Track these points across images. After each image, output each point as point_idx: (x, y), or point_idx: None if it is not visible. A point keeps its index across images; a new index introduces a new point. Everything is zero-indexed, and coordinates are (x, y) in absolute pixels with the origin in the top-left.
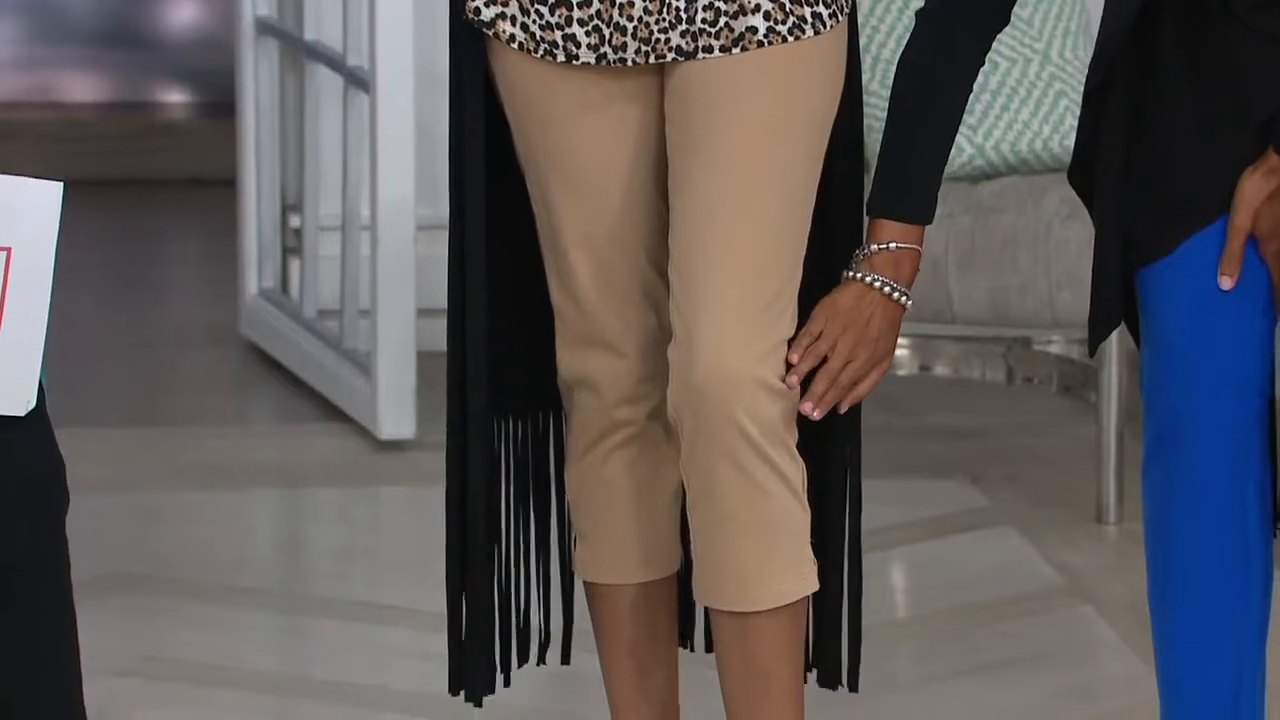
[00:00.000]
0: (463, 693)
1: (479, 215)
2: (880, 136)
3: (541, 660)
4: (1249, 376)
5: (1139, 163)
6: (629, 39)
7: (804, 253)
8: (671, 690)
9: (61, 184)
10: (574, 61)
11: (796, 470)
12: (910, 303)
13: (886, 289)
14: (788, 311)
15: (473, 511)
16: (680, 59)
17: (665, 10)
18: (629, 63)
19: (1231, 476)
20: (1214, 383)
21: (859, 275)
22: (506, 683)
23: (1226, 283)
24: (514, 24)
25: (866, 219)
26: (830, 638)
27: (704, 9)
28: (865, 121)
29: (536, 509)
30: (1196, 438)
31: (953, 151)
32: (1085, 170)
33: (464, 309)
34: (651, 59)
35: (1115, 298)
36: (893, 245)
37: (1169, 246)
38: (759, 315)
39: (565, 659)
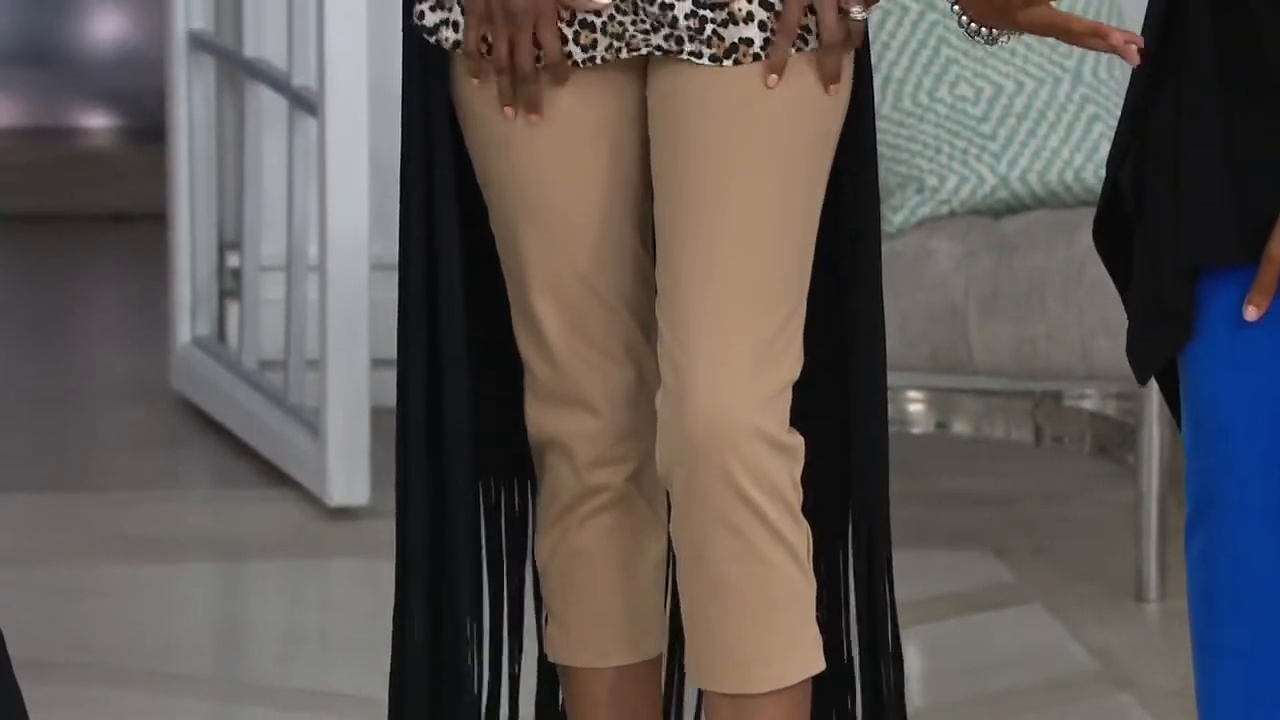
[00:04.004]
0: None
1: (453, 259)
2: (893, 166)
3: None
4: None
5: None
6: (599, 35)
7: (808, 286)
8: None
9: None
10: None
11: (801, 536)
12: None
13: None
14: (790, 352)
15: (460, 589)
16: (659, 54)
17: (640, 14)
18: (598, 60)
19: None
20: (1254, 440)
21: None
22: None
23: (1252, 312)
24: (457, 30)
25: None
26: None
27: (686, 16)
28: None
29: (506, 584)
30: (1239, 502)
31: (973, 182)
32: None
33: (438, 365)
34: (624, 54)
35: (1163, 314)
36: None
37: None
38: (758, 359)
39: None
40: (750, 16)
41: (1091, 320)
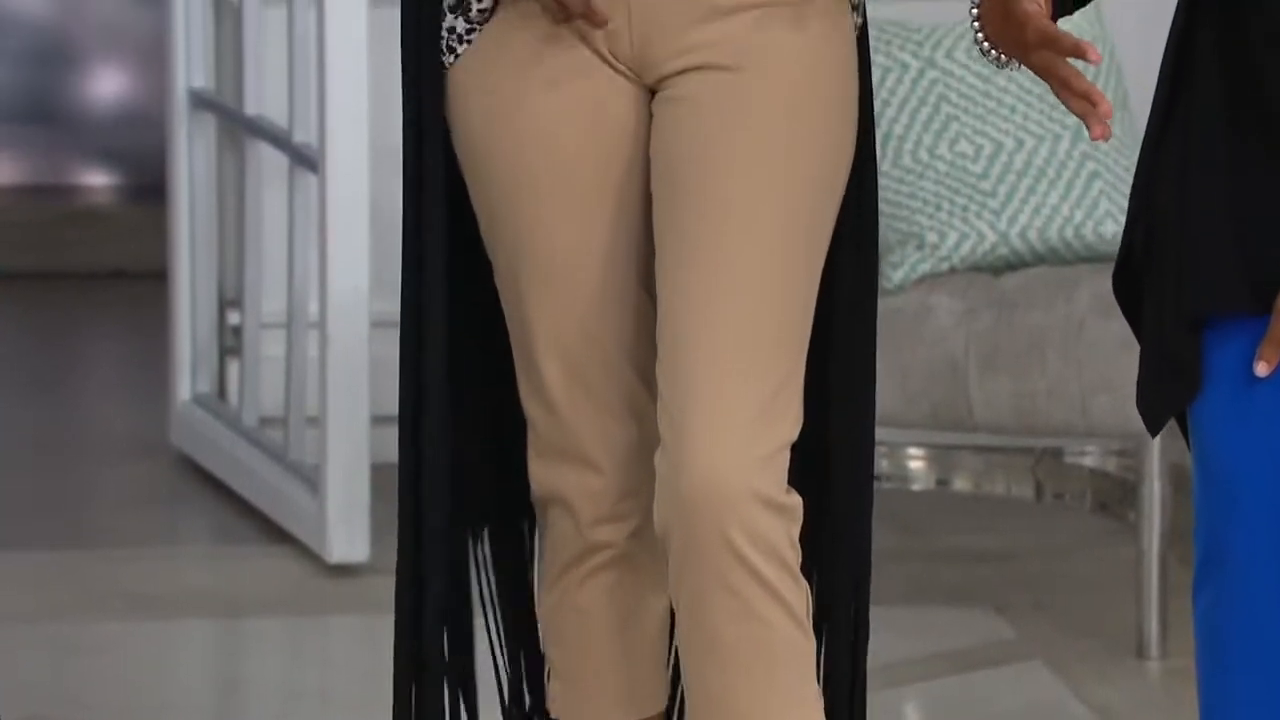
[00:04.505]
0: None
1: (439, 307)
2: (893, 222)
3: None
4: None
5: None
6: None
7: (807, 344)
8: None
9: None
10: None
11: (799, 594)
12: None
13: None
14: (789, 411)
15: (429, 648)
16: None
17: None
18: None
19: None
20: (1261, 495)
21: None
22: None
23: (1263, 368)
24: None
25: None
26: None
27: None
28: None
29: (508, 635)
30: (1246, 557)
31: (973, 239)
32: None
33: (420, 412)
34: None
35: (1175, 360)
36: None
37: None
38: (757, 418)
39: None
40: None
41: (1091, 377)
